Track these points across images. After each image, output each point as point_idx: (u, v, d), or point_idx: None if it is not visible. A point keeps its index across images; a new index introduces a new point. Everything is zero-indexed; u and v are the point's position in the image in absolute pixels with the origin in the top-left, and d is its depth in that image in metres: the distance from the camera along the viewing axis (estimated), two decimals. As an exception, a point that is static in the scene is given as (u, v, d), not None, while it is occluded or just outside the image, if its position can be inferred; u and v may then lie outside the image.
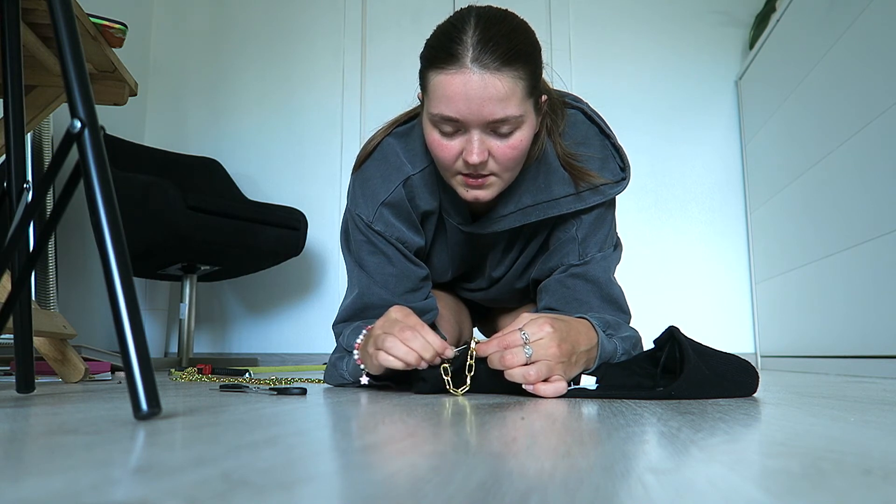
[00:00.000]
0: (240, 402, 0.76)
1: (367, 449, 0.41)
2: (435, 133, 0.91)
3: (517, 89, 0.86)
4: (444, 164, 0.93)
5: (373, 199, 1.04)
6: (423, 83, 0.91)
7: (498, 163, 0.91)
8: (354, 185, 1.07)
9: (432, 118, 0.89)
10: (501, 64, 0.84)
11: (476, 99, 0.84)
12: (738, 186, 2.61)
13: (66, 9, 0.67)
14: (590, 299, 1.03)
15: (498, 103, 0.85)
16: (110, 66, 1.27)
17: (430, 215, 1.09)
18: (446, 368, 0.87)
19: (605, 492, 0.28)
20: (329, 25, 2.91)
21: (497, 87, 0.84)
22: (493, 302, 1.31)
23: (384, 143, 1.06)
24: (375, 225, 1.04)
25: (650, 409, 0.68)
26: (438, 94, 0.86)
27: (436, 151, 0.92)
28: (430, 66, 0.88)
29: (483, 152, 0.88)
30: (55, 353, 1.22)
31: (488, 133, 0.88)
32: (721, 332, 2.53)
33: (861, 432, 0.49)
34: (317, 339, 2.72)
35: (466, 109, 0.85)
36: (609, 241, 1.07)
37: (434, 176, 1.05)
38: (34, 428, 0.51)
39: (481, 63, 0.83)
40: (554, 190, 1.02)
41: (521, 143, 0.90)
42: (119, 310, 0.56)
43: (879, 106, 1.52)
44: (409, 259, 1.07)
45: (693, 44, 2.70)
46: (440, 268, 1.16)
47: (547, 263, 1.08)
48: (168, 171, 2.45)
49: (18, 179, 0.82)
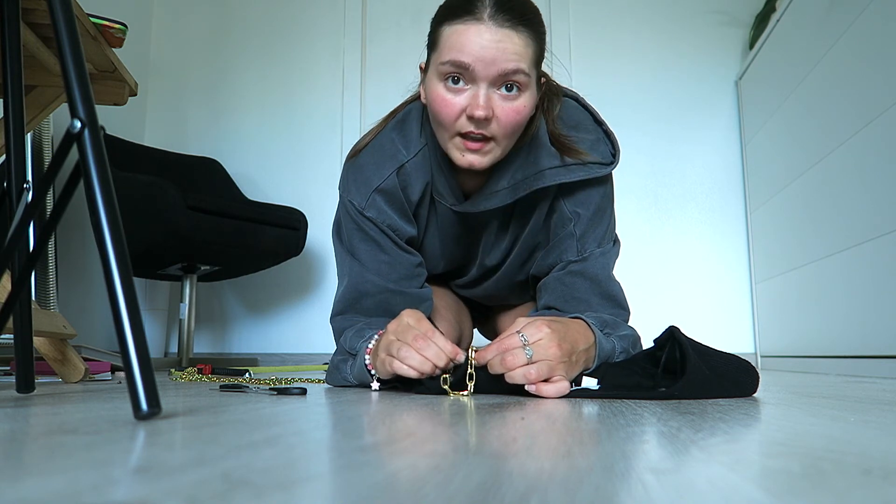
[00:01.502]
0: (240, 402, 0.76)
1: (367, 449, 0.41)
2: (440, 87, 0.90)
3: (528, 52, 0.88)
4: (445, 121, 0.92)
5: (365, 185, 1.04)
6: (433, 39, 0.92)
7: (500, 125, 0.90)
8: (347, 174, 1.07)
9: (441, 69, 0.89)
10: (516, 23, 0.86)
11: (490, 48, 0.85)
12: (738, 186, 2.61)
13: (66, 9, 0.67)
14: (589, 297, 1.03)
15: (510, 55, 0.86)
16: (110, 66, 1.27)
17: (421, 203, 1.08)
18: (446, 378, 0.87)
19: (605, 492, 0.28)
20: (329, 26, 2.91)
21: (512, 41, 0.86)
22: (492, 298, 1.30)
23: (380, 134, 1.07)
24: (367, 212, 1.04)
25: (650, 409, 0.68)
26: (451, 43, 0.87)
27: (439, 107, 0.91)
28: (444, 21, 0.89)
29: (489, 108, 0.88)
30: (55, 353, 1.22)
31: (495, 91, 0.89)
32: (721, 332, 2.53)
33: (861, 432, 0.49)
34: (317, 339, 2.72)
35: (479, 55, 0.86)
36: (608, 237, 1.07)
37: (427, 158, 1.04)
38: (34, 428, 0.51)
39: (497, 20, 0.85)
40: (541, 163, 1.02)
41: (525, 109, 0.91)
42: (119, 310, 0.56)
43: (879, 106, 1.52)
44: (400, 247, 1.07)
45: (693, 44, 2.70)
46: (432, 255, 1.16)
47: (546, 259, 1.08)
48: (168, 171, 2.45)
49: (18, 179, 0.82)
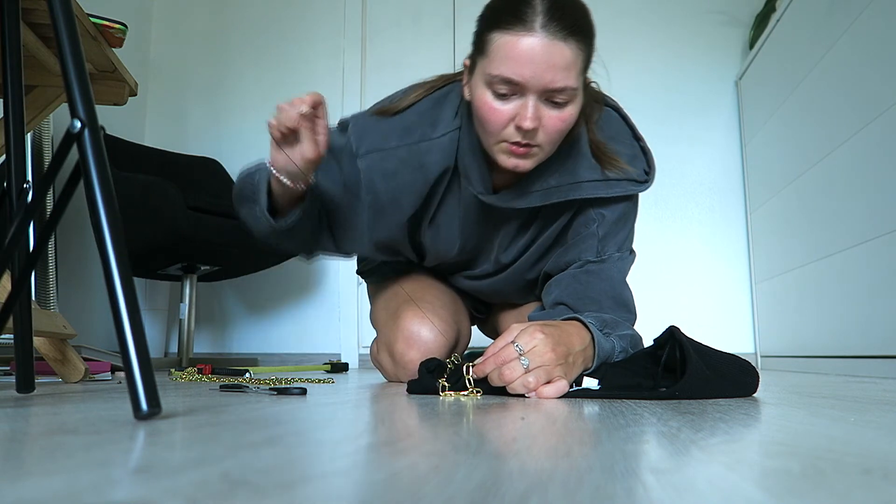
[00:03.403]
0: (240, 402, 0.76)
1: (367, 449, 0.41)
2: (488, 95, 0.89)
3: (578, 62, 0.87)
4: (492, 128, 0.91)
5: (378, 143, 1.03)
6: (480, 43, 0.90)
7: (546, 133, 0.90)
8: (367, 122, 1.06)
9: (489, 79, 0.88)
10: (568, 34, 0.84)
11: (541, 64, 0.84)
12: (738, 186, 2.61)
13: (66, 9, 0.67)
14: (601, 298, 1.02)
15: (561, 71, 0.85)
16: (110, 66, 1.27)
17: (438, 183, 1.07)
18: (445, 386, 0.87)
19: (605, 492, 0.28)
20: (329, 26, 2.91)
21: (562, 55, 0.84)
22: (498, 294, 1.30)
23: (414, 108, 1.06)
24: (361, 155, 1.03)
25: (650, 409, 0.68)
26: (501, 55, 0.86)
27: (486, 115, 0.90)
28: (494, 27, 0.87)
29: (536, 119, 0.88)
30: (55, 353, 1.22)
31: (543, 101, 0.88)
32: (721, 332, 2.53)
33: (861, 432, 0.49)
34: (317, 339, 2.72)
35: (530, 73, 0.85)
36: (627, 244, 1.08)
37: (454, 142, 1.03)
38: (34, 428, 0.51)
39: (549, 30, 0.83)
40: (580, 173, 1.02)
41: (571, 118, 0.91)
42: (119, 310, 0.56)
43: (880, 106, 1.52)
44: (344, 198, 1.06)
45: (693, 44, 2.70)
46: (448, 238, 1.14)
47: (563, 257, 1.08)
48: (168, 171, 2.45)
49: (18, 179, 0.82)
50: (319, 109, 0.88)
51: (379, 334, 1.33)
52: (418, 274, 1.34)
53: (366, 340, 2.68)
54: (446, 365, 0.93)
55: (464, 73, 0.98)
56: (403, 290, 1.28)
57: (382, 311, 1.31)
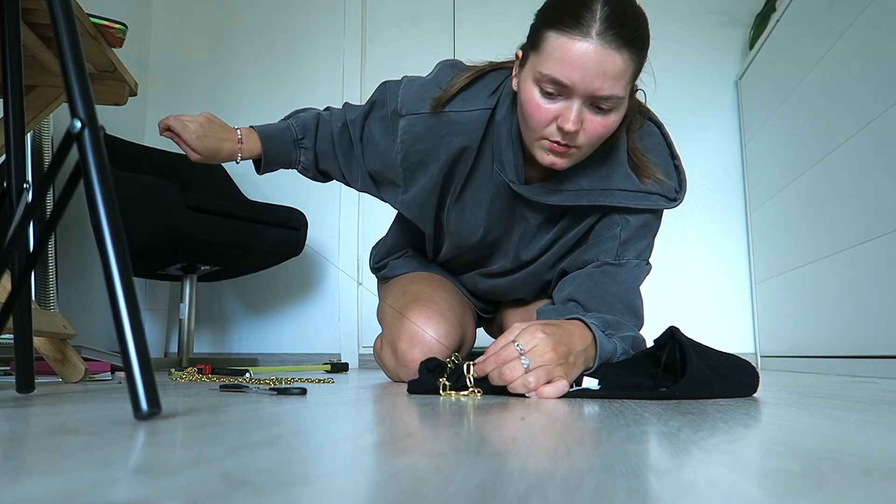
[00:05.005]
0: (240, 402, 0.76)
1: (367, 449, 0.41)
2: (535, 92, 0.90)
3: (628, 72, 0.87)
4: (535, 125, 0.92)
5: (417, 105, 1.06)
6: (535, 39, 0.90)
7: (586, 136, 0.91)
8: (418, 91, 1.08)
9: (539, 76, 0.89)
10: (622, 44, 0.85)
11: (591, 71, 0.84)
12: (738, 187, 2.61)
13: (66, 9, 0.67)
14: (613, 301, 1.02)
15: (610, 80, 0.85)
16: (110, 66, 1.27)
17: (460, 159, 1.08)
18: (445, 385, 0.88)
19: (605, 492, 0.28)
20: (329, 27, 2.91)
21: (614, 65, 0.85)
22: (511, 293, 1.30)
23: (484, 77, 1.07)
24: (403, 115, 1.07)
25: (650, 409, 0.68)
26: (555, 56, 0.86)
27: (531, 111, 0.91)
28: (551, 26, 0.87)
29: (578, 122, 0.89)
30: (55, 353, 1.22)
31: (588, 105, 0.89)
32: (721, 332, 2.53)
33: (861, 432, 0.49)
34: (317, 339, 2.72)
35: (579, 78, 0.85)
36: (646, 254, 1.09)
37: (482, 123, 1.05)
38: (34, 428, 0.51)
39: (604, 38, 0.84)
40: (613, 181, 1.02)
41: (613, 124, 0.92)
42: (119, 310, 0.56)
43: (879, 106, 1.52)
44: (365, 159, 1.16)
45: (693, 44, 2.70)
46: (473, 222, 1.15)
47: (582, 256, 1.09)
48: (168, 171, 2.45)
49: (18, 179, 0.82)
50: (171, 132, 1.13)
51: (384, 331, 1.34)
52: (430, 274, 1.34)
53: (366, 341, 2.69)
54: (447, 364, 0.93)
55: (514, 64, 0.98)
56: (412, 289, 1.29)
57: (389, 309, 1.32)
